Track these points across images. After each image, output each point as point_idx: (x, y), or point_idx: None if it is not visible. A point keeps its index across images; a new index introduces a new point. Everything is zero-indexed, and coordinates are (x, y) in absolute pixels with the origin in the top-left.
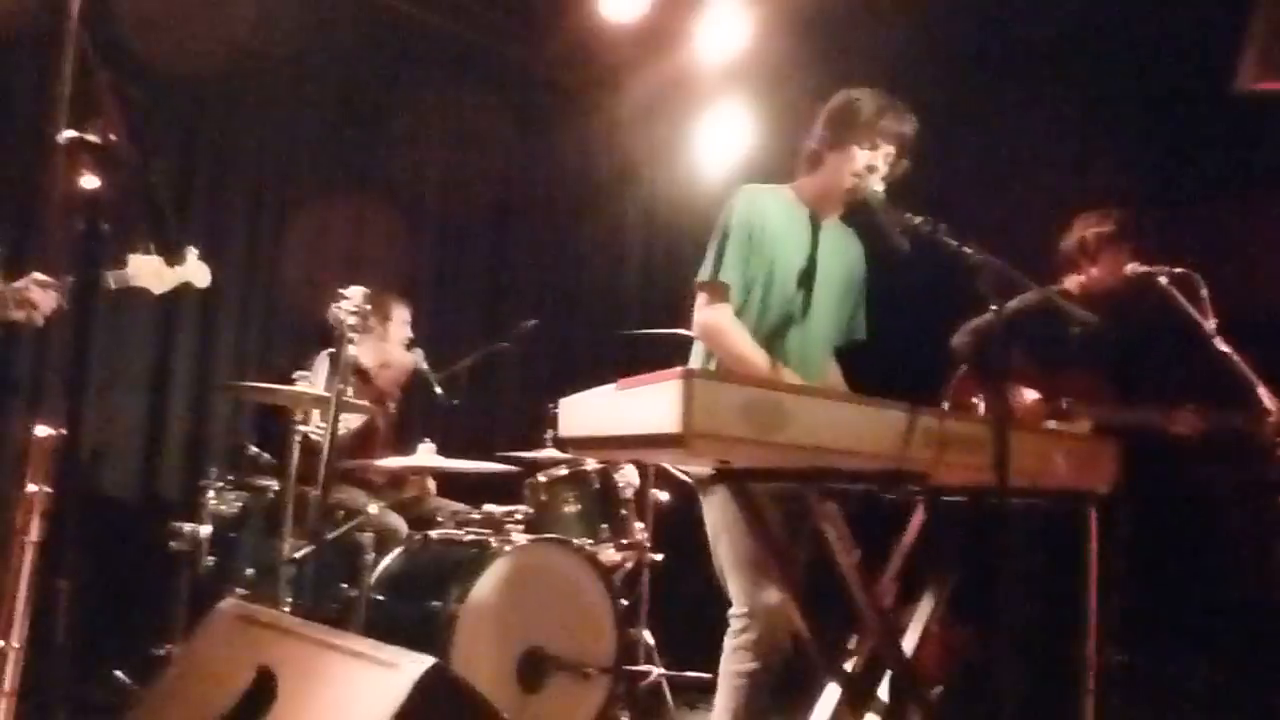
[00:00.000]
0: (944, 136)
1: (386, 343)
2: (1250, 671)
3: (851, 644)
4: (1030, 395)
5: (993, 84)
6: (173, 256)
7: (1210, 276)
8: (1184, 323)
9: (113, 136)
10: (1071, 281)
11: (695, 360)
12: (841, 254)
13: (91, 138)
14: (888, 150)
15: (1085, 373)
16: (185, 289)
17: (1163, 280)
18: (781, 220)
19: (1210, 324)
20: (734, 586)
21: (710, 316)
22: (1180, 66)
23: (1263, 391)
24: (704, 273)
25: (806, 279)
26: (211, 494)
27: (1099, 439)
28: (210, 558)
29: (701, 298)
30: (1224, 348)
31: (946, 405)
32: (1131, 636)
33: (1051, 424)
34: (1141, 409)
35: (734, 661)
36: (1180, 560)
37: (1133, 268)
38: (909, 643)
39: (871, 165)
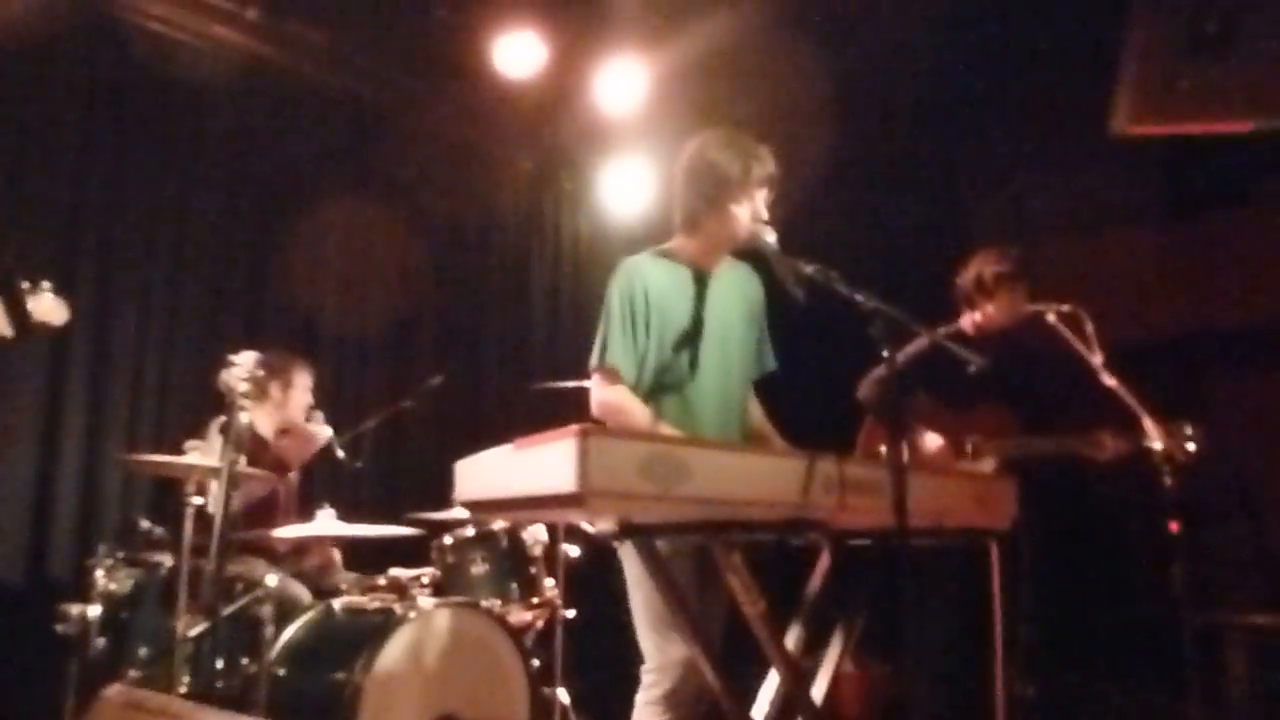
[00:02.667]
0: (836, 184)
1: (287, 409)
2: (1156, 689)
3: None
4: (935, 440)
5: (878, 131)
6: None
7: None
8: (1072, 357)
9: None
10: (967, 320)
11: None
12: (736, 295)
13: None
14: (762, 194)
15: (990, 410)
16: (41, 329)
17: (1050, 317)
18: (663, 283)
19: (1097, 358)
20: (644, 642)
21: (607, 396)
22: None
23: (1148, 422)
24: (594, 357)
25: (693, 338)
26: (101, 572)
27: (998, 478)
28: (101, 639)
29: (596, 379)
30: (1110, 381)
31: (858, 454)
32: (1040, 665)
33: (961, 465)
34: (1058, 439)
35: (646, 716)
36: (1083, 583)
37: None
38: (820, 687)
39: (756, 215)
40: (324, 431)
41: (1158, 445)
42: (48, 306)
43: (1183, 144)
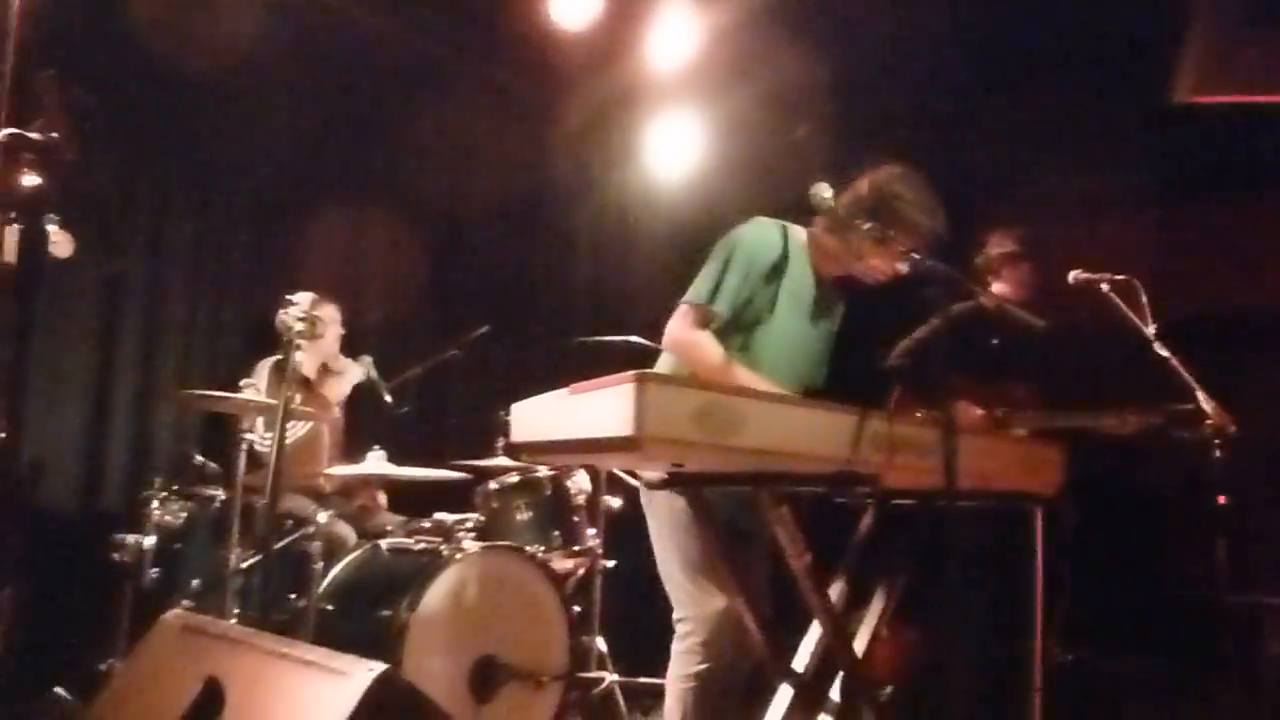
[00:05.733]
0: (897, 143)
1: (324, 345)
2: (1194, 667)
3: (804, 645)
4: (974, 410)
5: (929, 94)
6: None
7: (1152, 282)
8: (1126, 328)
9: (54, 135)
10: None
11: (663, 369)
12: (826, 311)
13: (33, 135)
14: (911, 257)
15: (1018, 382)
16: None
17: (1104, 287)
18: (789, 265)
19: (1150, 329)
20: (678, 591)
21: (688, 334)
22: (1119, 76)
23: (1201, 395)
24: (697, 293)
25: (785, 327)
26: (155, 504)
27: (1044, 442)
28: (154, 569)
29: (686, 314)
30: (1164, 353)
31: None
32: (1078, 635)
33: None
34: (1083, 413)
35: (681, 665)
36: (1124, 559)
37: (1075, 275)
38: (860, 644)
39: (892, 270)
40: (356, 367)
41: (1210, 419)
42: (55, 240)
43: (1241, 117)
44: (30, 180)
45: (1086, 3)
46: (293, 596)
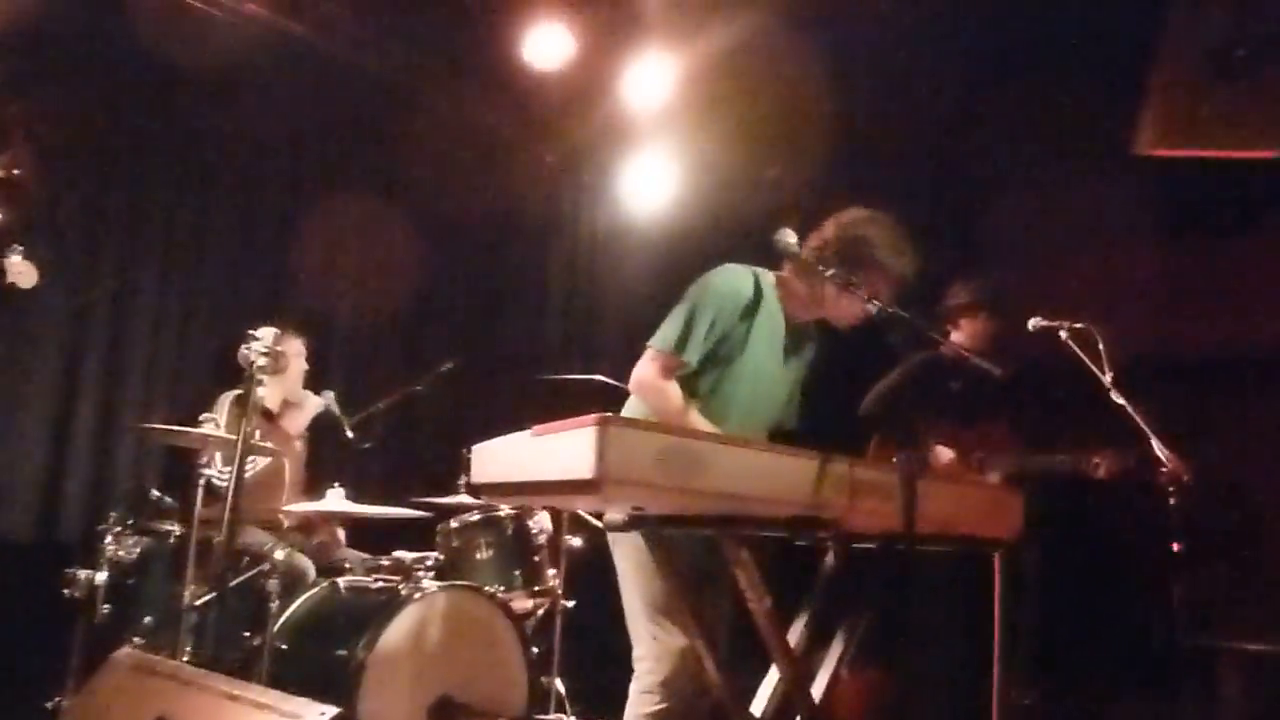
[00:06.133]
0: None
1: (287, 380)
2: (1152, 709)
3: (763, 687)
4: (947, 453)
5: (896, 126)
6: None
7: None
8: (1082, 375)
9: (18, 170)
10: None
11: (631, 413)
12: (797, 355)
13: None
14: (879, 301)
15: (991, 426)
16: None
17: (1063, 334)
18: (760, 308)
19: (1107, 376)
20: (640, 630)
21: (653, 380)
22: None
23: (1155, 443)
24: (665, 340)
25: (754, 373)
26: (110, 539)
27: (1005, 488)
28: (106, 606)
29: (652, 359)
30: (1119, 399)
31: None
32: (1037, 677)
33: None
34: (1058, 455)
35: (640, 705)
36: (1084, 602)
37: (1035, 322)
38: (820, 686)
39: (863, 316)
40: (315, 400)
41: (1165, 465)
42: (18, 270)
43: (1196, 165)
44: None
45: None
46: (248, 634)
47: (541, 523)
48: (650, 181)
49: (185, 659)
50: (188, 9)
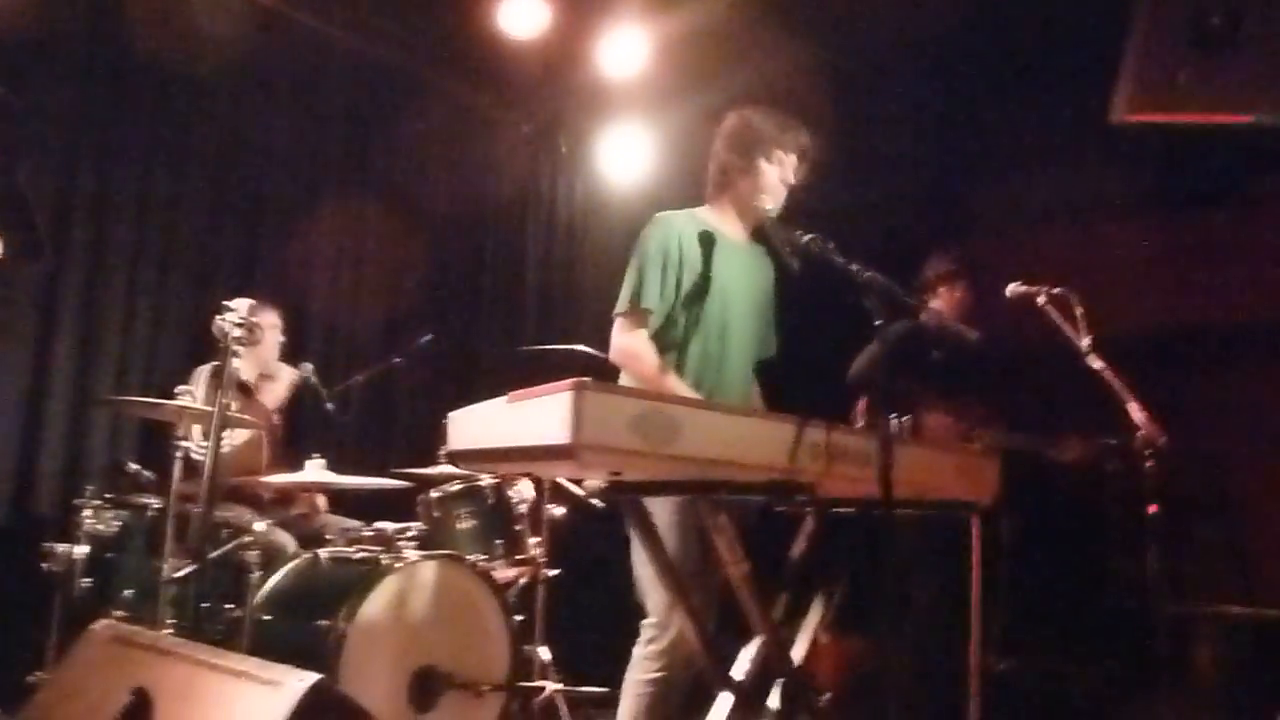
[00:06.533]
0: (835, 150)
1: (262, 351)
2: (1128, 673)
3: (743, 652)
4: (942, 419)
5: (877, 100)
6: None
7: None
8: (1059, 341)
9: None
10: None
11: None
12: (754, 274)
13: None
14: (792, 160)
15: (970, 396)
16: None
17: (1040, 300)
18: (693, 242)
19: (1085, 341)
20: (648, 596)
21: (626, 342)
22: (1062, 93)
23: (1133, 406)
24: (622, 301)
25: (723, 300)
26: (88, 513)
27: (982, 453)
28: (86, 579)
29: (619, 324)
30: (1097, 364)
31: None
32: (1015, 643)
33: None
34: (1027, 436)
35: (640, 670)
36: (1060, 567)
37: (1013, 288)
38: (799, 651)
39: (784, 178)
40: (291, 371)
41: (1140, 429)
42: None
43: (1180, 137)
44: None
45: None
46: (229, 607)
47: (523, 492)
48: (627, 151)
49: (166, 631)
50: None
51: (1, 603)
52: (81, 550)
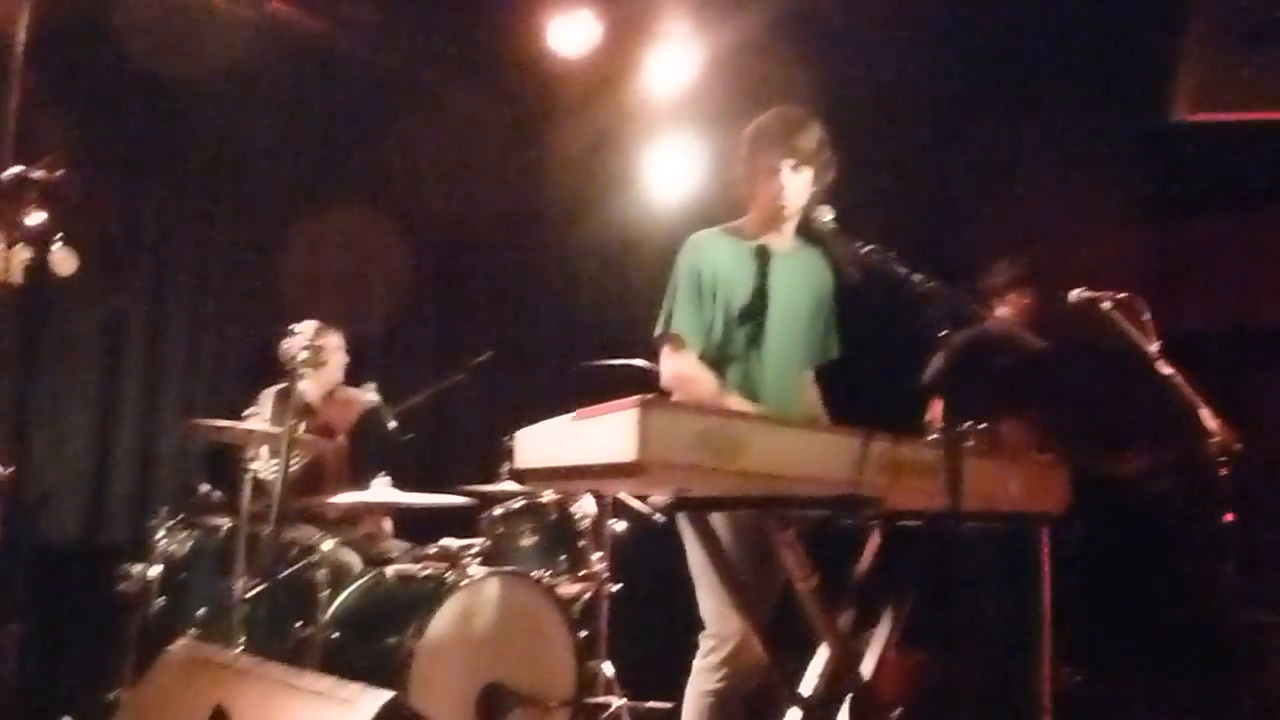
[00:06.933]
0: (884, 167)
1: (328, 372)
2: (1202, 688)
3: (811, 668)
4: (1021, 430)
5: (925, 118)
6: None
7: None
8: (1128, 347)
9: (59, 172)
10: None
11: None
12: (804, 277)
13: (36, 174)
14: (809, 162)
15: (1035, 406)
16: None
17: (1106, 305)
18: (727, 258)
19: (1154, 347)
20: (706, 607)
21: (674, 366)
22: (1118, 96)
23: (1205, 413)
24: (660, 325)
25: (758, 312)
26: (161, 534)
27: (1052, 464)
28: (160, 599)
29: (664, 350)
30: (1167, 370)
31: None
32: (1086, 657)
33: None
34: (1086, 450)
35: (700, 682)
36: (1132, 579)
37: (1077, 293)
38: (867, 666)
39: (802, 182)
40: (365, 396)
41: (1214, 437)
42: (59, 258)
43: (1245, 133)
44: (35, 218)
45: (1083, 20)
46: (298, 625)
47: (585, 508)
48: (677, 166)
49: (239, 649)
50: (218, 12)
51: (79, 622)
52: (155, 570)
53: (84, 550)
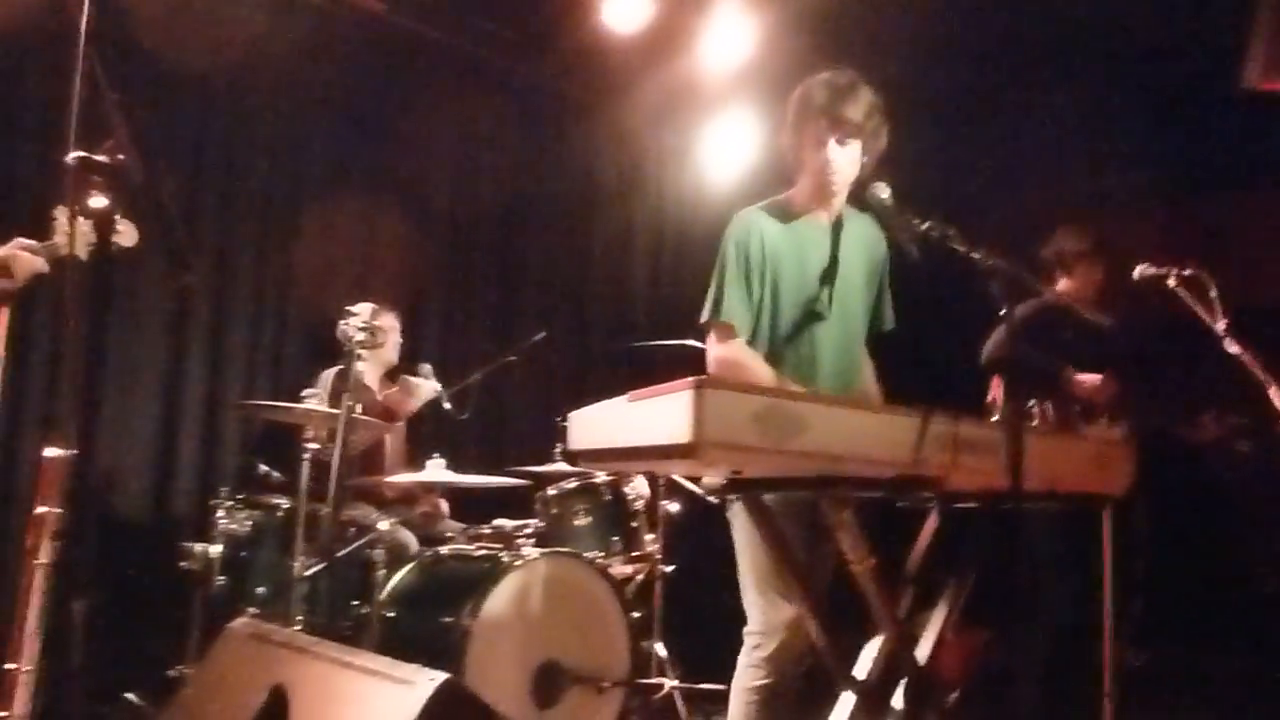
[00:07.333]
0: (954, 134)
1: (384, 353)
2: (1268, 669)
3: (866, 650)
4: (1093, 377)
5: (1002, 82)
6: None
7: (1217, 274)
8: (1194, 324)
9: (121, 156)
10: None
11: None
12: (858, 245)
13: (100, 158)
14: (857, 130)
15: (1104, 375)
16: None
17: (1171, 282)
18: (777, 233)
19: (1221, 324)
20: (750, 603)
21: (723, 353)
22: (1187, 65)
23: (1274, 391)
24: (707, 312)
25: (812, 288)
26: (222, 513)
27: (1115, 442)
28: (222, 577)
29: (711, 336)
30: (1235, 348)
31: (996, 415)
32: (1151, 637)
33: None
34: (1161, 415)
35: (747, 678)
36: (1197, 560)
37: (1142, 270)
38: (924, 649)
39: (851, 153)
40: (429, 385)
41: None
42: (120, 230)
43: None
44: (99, 201)
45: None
46: (356, 603)
47: (638, 489)
48: (732, 143)
49: (297, 627)
50: None
51: (143, 600)
52: (217, 549)
53: (148, 529)
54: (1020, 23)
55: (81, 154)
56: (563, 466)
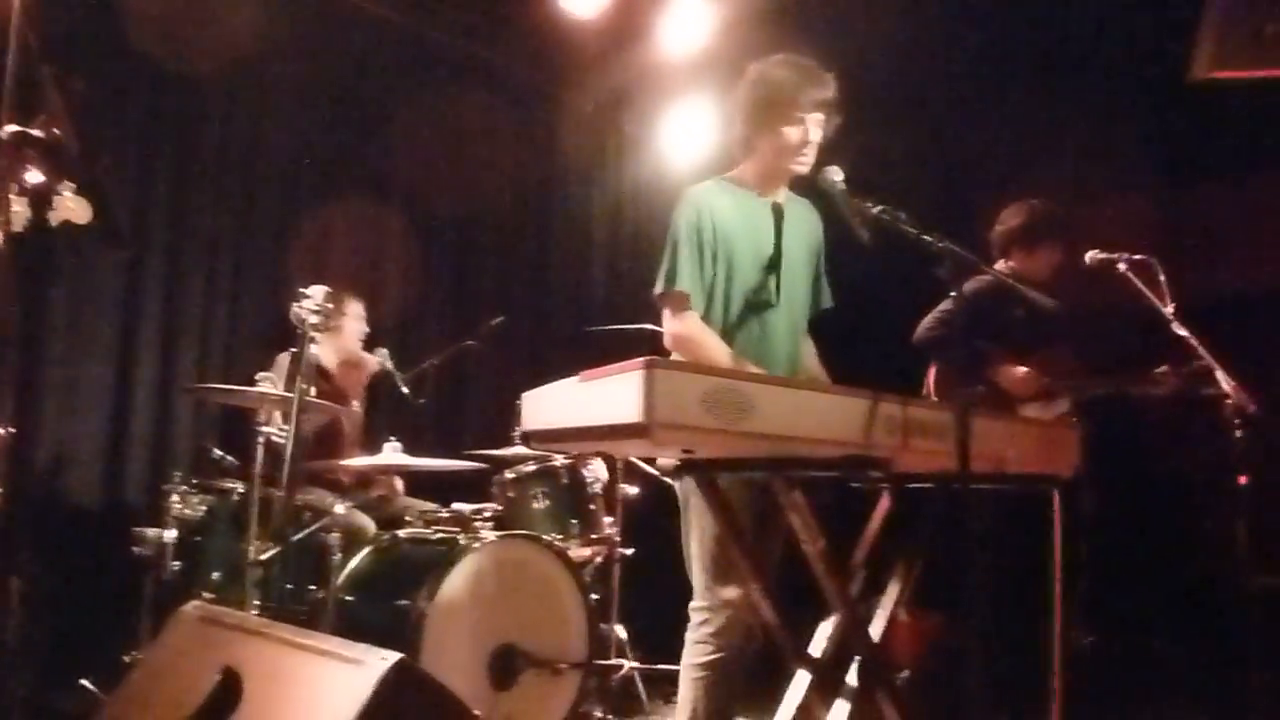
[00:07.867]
0: (888, 126)
1: (343, 339)
2: (1215, 650)
3: (820, 630)
4: (1020, 370)
5: (954, 76)
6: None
7: (1167, 262)
8: (1143, 307)
9: (56, 131)
10: (1002, 266)
11: None
12: (796, 227)
13: (35, 132)
14: (815, 118)
15: (1050, 353)
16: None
17: (1122, 266)
18: (729, 211)
19: (1169, 309)
20: (696, 579)
21: (677, 327)
22: (1139, 55)
23: (1220, 375)
24: (660, 284)
25: (763, 266)
26: (175, 498)
27: (1062, 424)
28: (175, 562)
29: (665, 310)
30: (1183, 332)
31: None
32: (1098, 618)
33: (1034, 406)
34: (1115, 377)
35: (695, 654)
36: (1145, 541)
37: (1092, 254)
38: (876, 628)
39: (805, 141)
40: (371, 358)
41: (1229, 396)
42: (70, 206)
43: (1266, 93)
44: (34, 176)
45: None
46: (312, 588)
47: (596, 472)
48: (691, 129)
49: (253, 612)
50: None
51: (95, 585)
52: (170, 534)
53: (101, 513)
54: (980, 18)
55: (16, 128)
56: (521, 450)
